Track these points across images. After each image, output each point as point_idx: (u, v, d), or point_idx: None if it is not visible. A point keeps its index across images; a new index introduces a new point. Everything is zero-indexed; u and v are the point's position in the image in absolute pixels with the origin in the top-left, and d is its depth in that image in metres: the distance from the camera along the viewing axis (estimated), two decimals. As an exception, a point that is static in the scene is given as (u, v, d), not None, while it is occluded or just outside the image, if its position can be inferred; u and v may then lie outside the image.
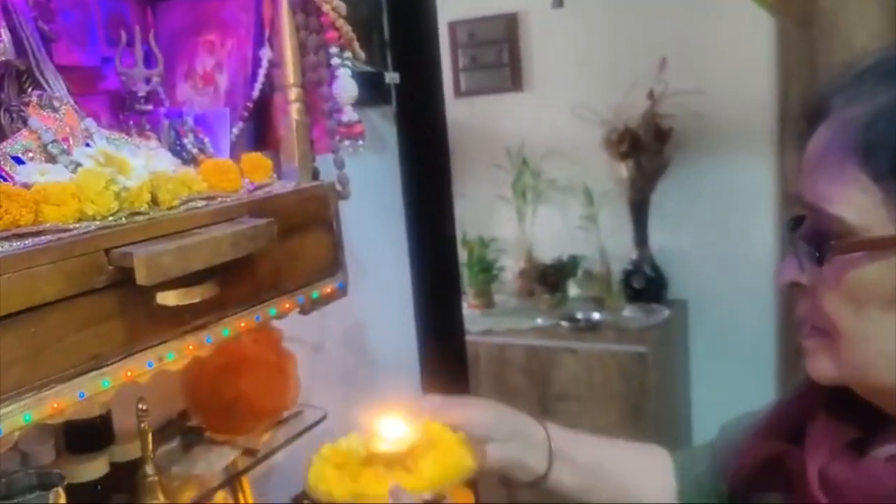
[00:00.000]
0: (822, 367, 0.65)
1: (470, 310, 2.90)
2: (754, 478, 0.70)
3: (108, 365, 0.76)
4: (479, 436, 0.84)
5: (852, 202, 0.59)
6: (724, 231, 2.75)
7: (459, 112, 2.99)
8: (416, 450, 0.79)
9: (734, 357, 2.76)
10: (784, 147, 2.58)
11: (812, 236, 0.63)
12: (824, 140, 0.62)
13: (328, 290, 1.02)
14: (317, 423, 1.25)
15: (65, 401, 0.72)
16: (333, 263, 1.04)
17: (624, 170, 2.77)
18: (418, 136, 1.71)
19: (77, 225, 0.74)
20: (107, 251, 0.75)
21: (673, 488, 0.90)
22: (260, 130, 1.04)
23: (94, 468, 1.00)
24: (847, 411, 0.66)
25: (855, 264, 0.59)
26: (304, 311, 1.03)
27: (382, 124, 1.65)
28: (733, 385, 2.70)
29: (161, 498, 1.05)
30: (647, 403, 2.54)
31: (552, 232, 2.99)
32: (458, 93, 3.06)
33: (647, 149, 2.72)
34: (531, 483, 0.88)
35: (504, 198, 3.00)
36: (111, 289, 0.76)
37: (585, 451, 0.90)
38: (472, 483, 0.81)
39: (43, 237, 0.71)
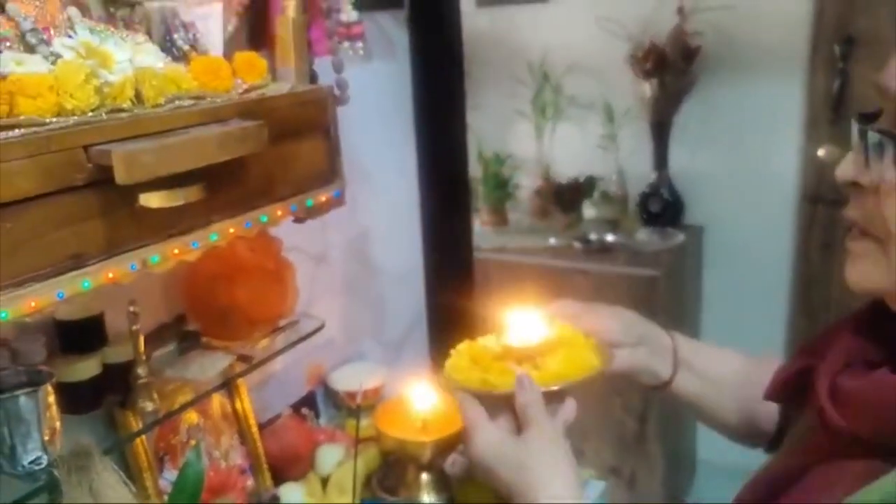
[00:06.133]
0: (863, 274, 0.63)
1: (483, 227, 2.87)
2: (782, 391, 0.72)
3: (88, 265, 0.74)
4: (609, 341, 0.87)
5: None
6: (745, 156, 2.67)
7: (481, 22, 2.89)
8: (546, 348, 0.83)
9: (747, 285, 2.72)
10: (815, 70, 2.48)
11: (891, 130, 0.59)
12: None
13: (324, 198, 1.00)
14: (314, 332, 1.25)
15: (43, 299, 0.71)
16: (330, 171, 1.01)
17: (647, 88, 2.67)
18: (431, 43, 1.65)
19: (55, 119, 0.72)
20: (86, 148, 0.72)
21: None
22: (256, 29, 1.00)
23: (86, 368, 1.00)
24: (873, 334, 0.65)
25: None
26: (299, 219, 1.00)
27: (393, 30, 1.59)
28: (744, 313, 2.68)
29: (154, 400, 1.05)
30: (655, 327, 2.53)
31: (570, 150, 2.92)
32: (480, 2, 2.95)
33: (672, 67, 2.62)
34: (655, 387, 0.91)
35: (523, 113, 2.93)
36: (91, 187, 0.73)
37: (708, 361, 0.91)
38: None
39: (17, 130, 0.68)
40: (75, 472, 0.88)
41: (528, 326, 0.85)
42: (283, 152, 0.93)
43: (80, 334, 1.00)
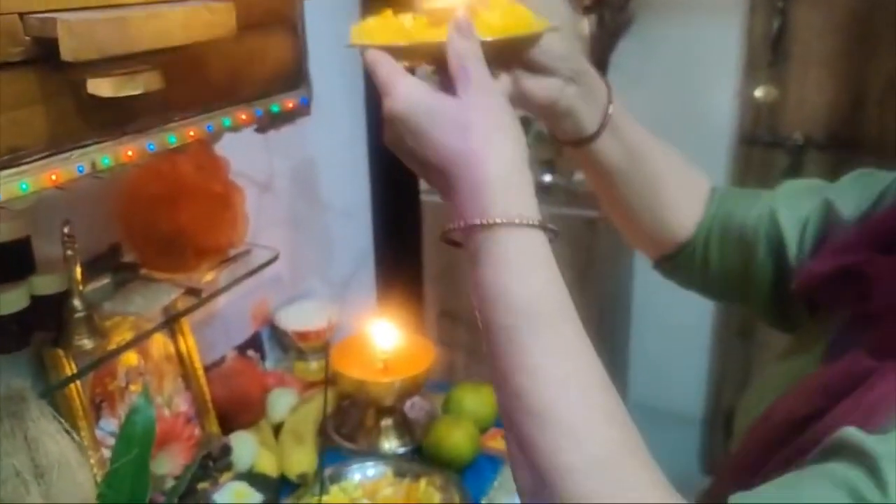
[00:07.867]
0: None
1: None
2: (823, 287, 0.65)
3: (27, 163, 0.61)
4: (544, 62, 0.69)
5: None
6: (683, 96, 2.64)
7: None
8: (477, 5, 0.64)
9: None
10: (754, 10, 2.46)
11: None
12: None
13: (290, 104, 0.88)
14: (267, 263, 1.13)
15: (-29, 203, 0.57)
16: (297, 74, 0.89)
17: (586, 25, 2.61)
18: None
19: (-20, -22, 0.58)
20: (22, 16, 0.58)
21: (697, 216, 0.81)
22: None
23: (11, 300, 0.86)
24: None
25: None
26: (262, 127, 0.88)
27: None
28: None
29: (93, 337, 0.92)
30: (592, 270, 2.50)
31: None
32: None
33: (611, 4, 2.57)
34: (574, 143, 0.76)
35: (456, 51, 2.82)
36: (29, 66, 0.60)
37: (639, 133, 0.78)
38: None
39: (-66, -14, 0.54)
40: (7, 418, 0.75)
41: None
42: (247, 46, 0.80)
43: (3, 261, 0.86)
